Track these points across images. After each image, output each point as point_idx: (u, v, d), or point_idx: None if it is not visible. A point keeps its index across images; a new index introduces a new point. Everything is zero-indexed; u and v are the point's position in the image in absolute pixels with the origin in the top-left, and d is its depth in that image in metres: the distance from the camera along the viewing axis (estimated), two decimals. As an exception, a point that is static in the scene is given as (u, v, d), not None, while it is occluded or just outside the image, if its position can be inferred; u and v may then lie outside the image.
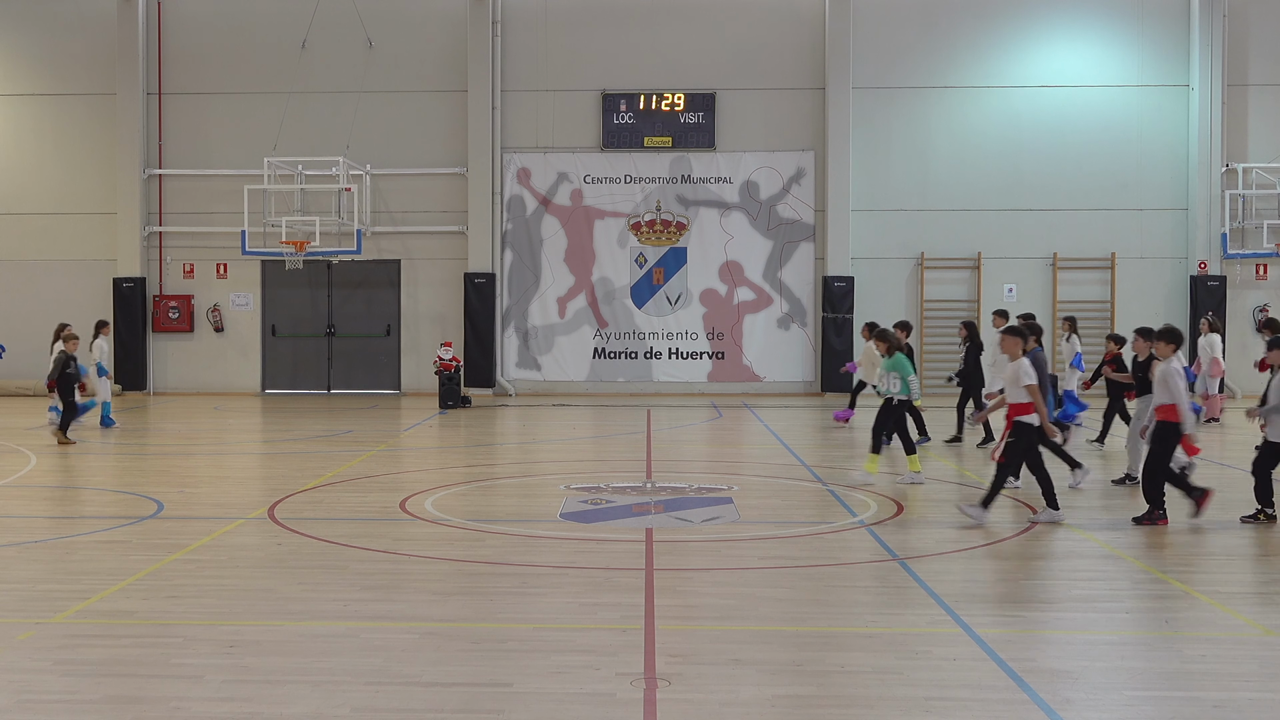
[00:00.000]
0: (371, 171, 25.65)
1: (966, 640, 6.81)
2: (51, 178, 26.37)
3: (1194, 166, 25.29)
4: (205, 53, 26.13)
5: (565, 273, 26.00)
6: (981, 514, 10.32)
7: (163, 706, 5.69)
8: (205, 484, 12.76)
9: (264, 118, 25.74)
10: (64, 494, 11.98)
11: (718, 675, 6.16)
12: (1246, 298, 25.74)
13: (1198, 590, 8.04)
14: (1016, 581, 8.54)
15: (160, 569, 8.62)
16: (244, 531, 10.07)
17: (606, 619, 7.26)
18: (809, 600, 7.82)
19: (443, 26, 25.90)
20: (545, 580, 8.36)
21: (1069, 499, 11.51)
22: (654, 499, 11.10)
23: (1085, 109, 25.60)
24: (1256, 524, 10.53)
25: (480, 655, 6.52)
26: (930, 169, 25.79)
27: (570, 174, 25.92)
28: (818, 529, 10.25)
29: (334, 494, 12.07)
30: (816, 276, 25.79)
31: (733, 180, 25.79)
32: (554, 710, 5.65)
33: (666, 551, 9.29)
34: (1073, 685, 6.04)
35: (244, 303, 26.33)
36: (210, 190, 26.06)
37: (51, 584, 8.28)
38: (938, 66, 25.72)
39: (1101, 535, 9.99)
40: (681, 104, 25.67)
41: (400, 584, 8.23)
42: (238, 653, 6.54)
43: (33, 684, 6.03)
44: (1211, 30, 25.07)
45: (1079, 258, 25.66)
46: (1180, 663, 6.44)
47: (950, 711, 5.66)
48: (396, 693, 5.89)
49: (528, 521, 10.52)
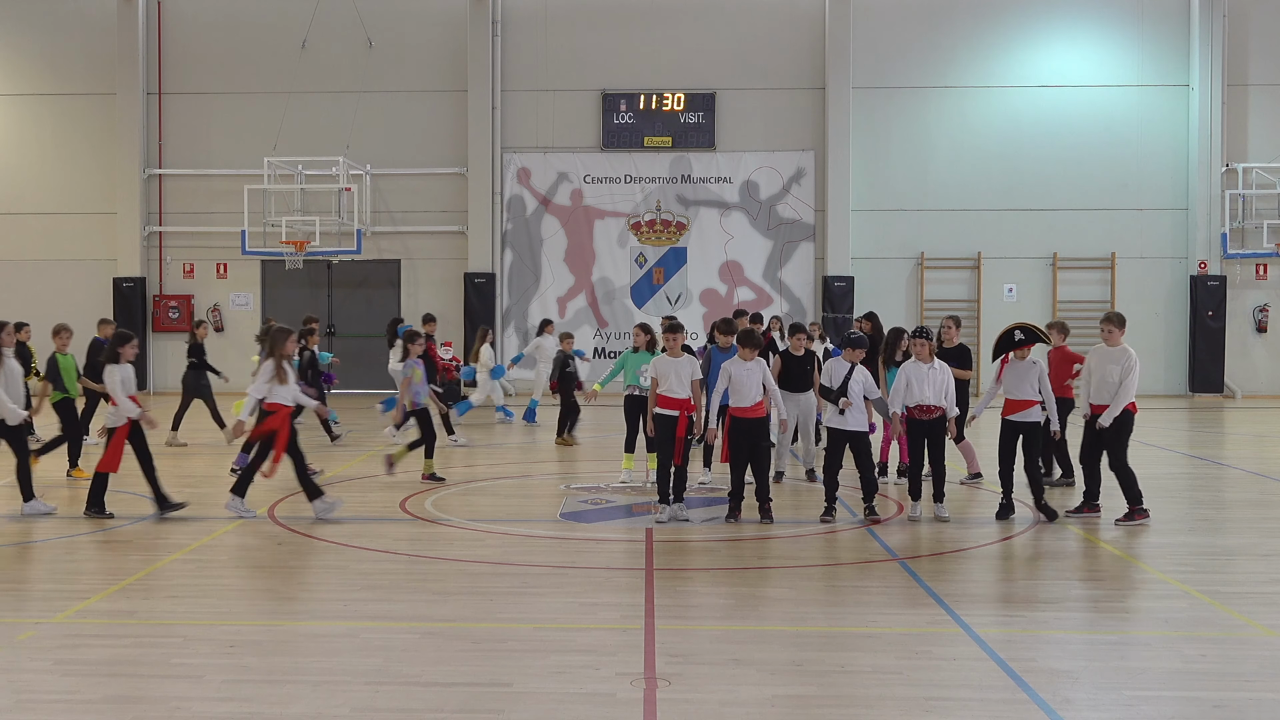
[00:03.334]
0: (371, 171, 25.65)
1: (966, 640, 6.81)
2: (51, 178, 26.37)
3: (1194, 166, 25.29)
4: (205, 53, 26.14)
5: (565, 273, 26.01)
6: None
7: (163, 706, 5.69)
8: (205, 484, 12.75)
9: (264, 118, 25.74)
10: (64, 494, 11.98)
11: (718, 675, 6.16)
12: (1246, 298, 25.73)
13: (1198, 590, 8.04)
14: (1016, 581, 8.54)
15: (160, 569, 8.62)
16: (244, 531, 10.06)
17: (606, 619, 7.26)
18: (809, 600, 7.82)
19: (443, 26, 25.90)
20: (545, 580, 8.36)
21: (1067, 499, 11.51)
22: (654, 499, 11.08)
23: (1085, 109, 25.60)
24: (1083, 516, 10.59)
25: (480, 655, 6.51)
26: (930, 169, 25.79)
27: (570, 174, 25.93)
28: (818, 529, 10.25)
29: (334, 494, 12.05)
30: (816, 276, 25.79)
31: (733, 180, 25.79)
32: (554, 710, 5.65)
33: (666, 551, 9.29)
34: (1073, 685, 6.03)
35: (244, 303, 26.33)
36: (210, 190, 26.07)
37: (51, 584, 8.29)
38: (938, 66, 25.72)
39: (1101, 535, 9.99)
40: (681, 104, 25.67)
41: (400, 584, 8.23)
42: (238, 653, 6.54)
43: (33, 684, 6.03)
44: (1211, 30, 25.07)
45: (1079, 258, 25.66)
46: (1180, 663, 6.43)
47: (950, 711, 5.66)
48: (396, 693, 5.89)
49: (528, 521, 10.52)
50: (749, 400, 10.41)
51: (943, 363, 10.86)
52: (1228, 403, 24.53)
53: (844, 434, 10.65)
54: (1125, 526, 10.23)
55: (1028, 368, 10.61)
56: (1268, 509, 11.57)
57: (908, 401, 10.64)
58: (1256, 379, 25.77)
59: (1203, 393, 25.16)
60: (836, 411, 10.62)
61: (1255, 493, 12.58)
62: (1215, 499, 12.41)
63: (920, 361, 10.65)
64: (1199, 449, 16.64)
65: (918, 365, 10.65)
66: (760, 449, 10.50)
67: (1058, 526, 10.30)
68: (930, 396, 10.53)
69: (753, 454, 10.47)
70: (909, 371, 10.67)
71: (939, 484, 10.71)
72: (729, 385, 10.49)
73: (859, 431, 10.63)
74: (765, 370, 10.57)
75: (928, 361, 10.63)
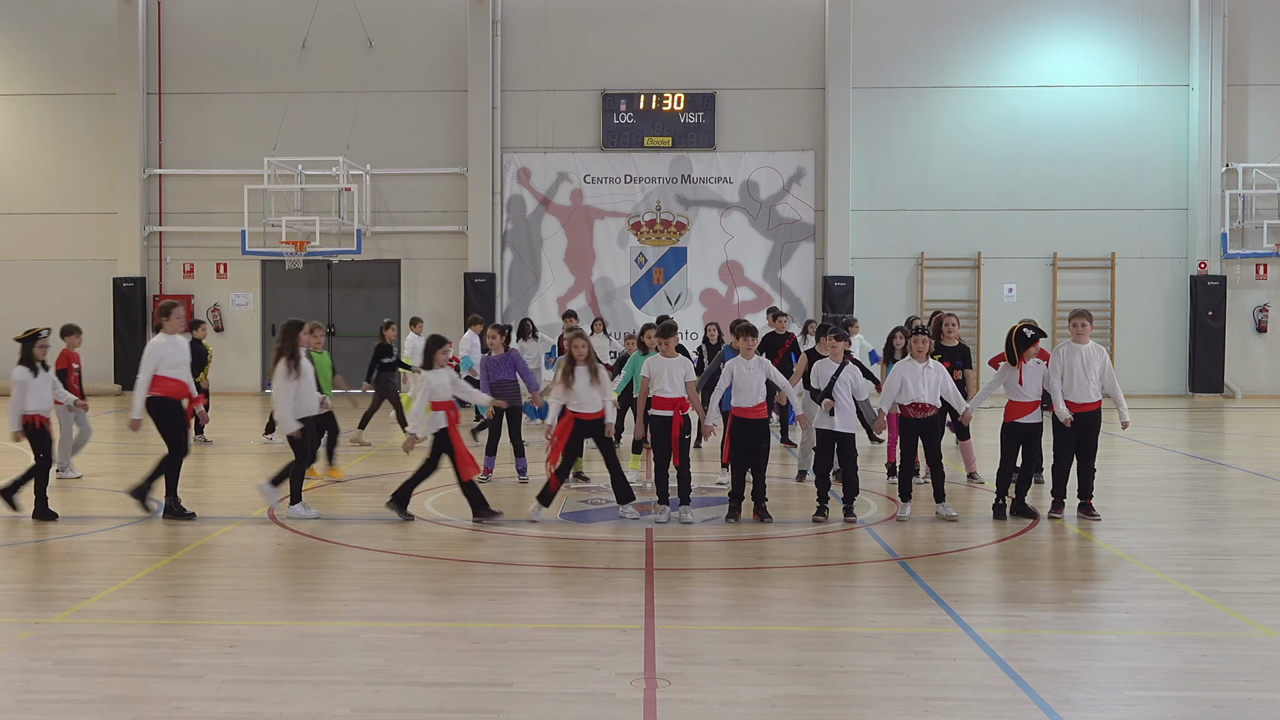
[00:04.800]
0: (371, 171, 25.65)
1: (966, 640, 6.81)
2: (51, 178, 26.37)
3: (1194, 166, 25.29)
4: (205, 53, 26.14)
5: (565, 273, 26.00)
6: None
7: (163, 706, 5.69)
8: (205, 484, 12.75)
9: (264, 118, 25.74)
10: (64, 494, 11.98)
11: (718, 675, 6.16)
12: (1246, 298, 25.73)
13: (1198, 590, 8.04)
14: (1016, 581, 8.54)
15: (160, 569, 8.62)
16: (244, 531, 10.06)
17: (606, 619, 7.26)
18: (809, 600, 7.82)
19: (443, 26, 25.90)
20: (545, 580, 8.36)
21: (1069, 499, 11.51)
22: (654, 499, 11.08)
23: (1085, 109, 25.60)
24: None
25: (480, 655, 6.51)
26: (930, 169, 25.79)
27: (570, 174, 25.93)
28: (818, 529, 10.25)
29: (334, 494, 12.07)
30: (816, 276, 25.79)
31: (733, 180, 25.79)
32: (554, 710, 5.65)
33: (666, 551, 9.29)
34: (1073, 685, 6.03)
35: (244, 303, 26.33)
36: (210, 190, 26.07)
37: (51, 584, 8.29)
38: (938, 66, 25.72)
39: (1101, 535, 9.99)
40: (681, 104, 25.67)
41: (400, 584, 8.23)
42: (238, 653, 6.54)
43: (33, 684, 6.03)
44: (1211, 30, 25.07)
45: (1079, 258, 25.66)
46: (1180, 663, 6.43)
47: (950, 711, 5.66)
48: (396, 693, 5.89)
49: (528, 522, 10.51)
50: (751, 400, 10.41)
51: (938, 362, 10.83)
52: (1228, 403, 24.53)
53: (832, 434, 10.65)
54: (1088, 520, 10.36)
55: (1036, 367, 10.60)
56: (1268, 509, 11.56)
57: (902, 400, 10.55)
58: (1256, 379, 25.77)
59: (1203, 393, 25.16)
60: (825, 412, 10.62)
61: (1255, 493, 12.57)
62: (1215, 499, 12.40)
63: (915, 360, 10.62)
64: (1199, 449, 16.64)
65: (912, 364, 10.61)
66: (761, 449, 10.50)
67: (1057, 526, 10.30)
68: (926, 395, 10.49)
69: (753, 454, 10.47)
70: (904, 370, 10.61)
71: (939, 484, 10.69)
72: (730, 384, 10.50)
73: (846, 433, 10.63)
74: (770, 368, 10.58)
75: (922, 360, 10.60)
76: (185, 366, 10.68)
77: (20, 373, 10.62)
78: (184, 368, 10.65)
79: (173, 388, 10.49)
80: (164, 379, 10.45)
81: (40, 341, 10.83)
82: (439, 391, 10.40)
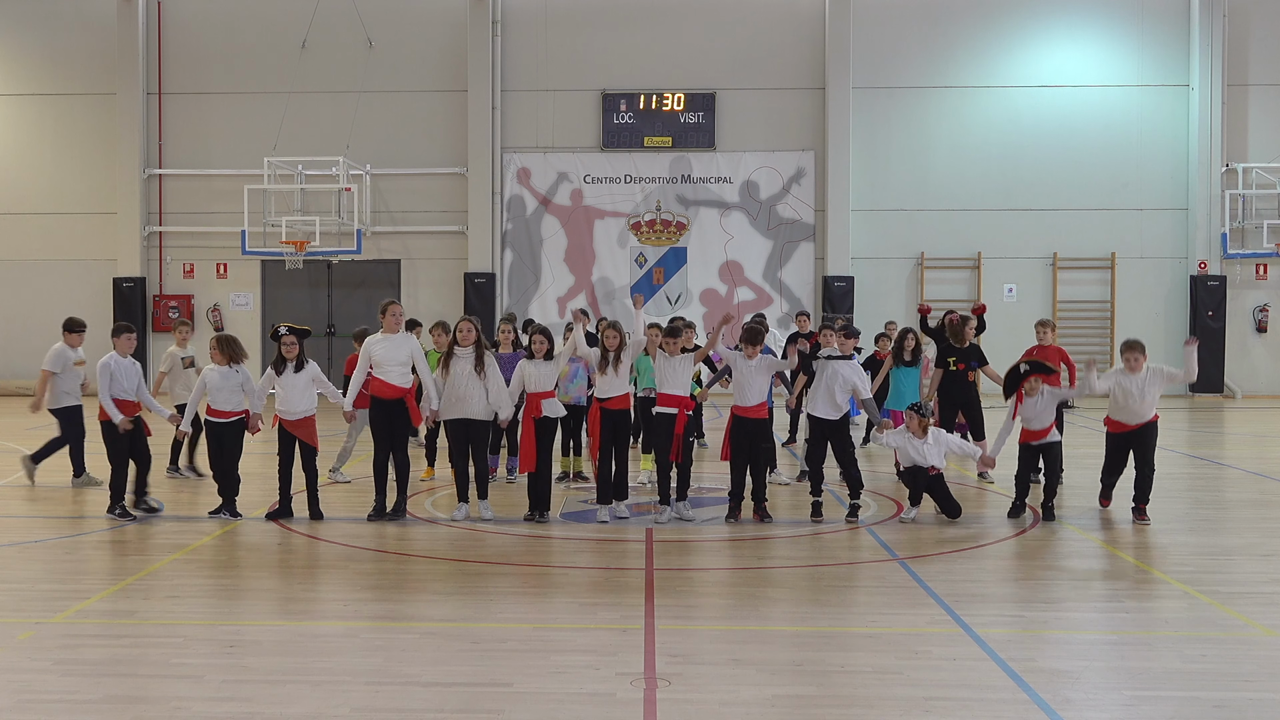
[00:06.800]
0: (371, 171, 25.65)
1: (966, 640, 6.81)
2: (51, 178, 26.37)
3: (1194, 166, 25.29)
4: (205, 53, 26.14)
5: (565, 273, 26.00)
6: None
7: (163, 706, 5.69)
8: (205, 484, 12.74)
9: (264, 118, 25.74)
10: (64, 494, 11.98)
11: (718, 675, 6.16)
12: (1246, 298, 25.73)
13: (1198, 590, 8.04)
14: (1016, 581, 8.54)
15: (160, 569, 8.62)
16: (244, 531, 10.07)
17: (606, 619, 7.26)
18: (809, 600, 7.82)
19: (443, 26, 25.90)
20: (545, 580, 8.37)
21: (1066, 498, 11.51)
22: (654, 499, 11.09)
23: (1085, 109, 25.60)
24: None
25: (480, 655, 6.51)
26: (930, 169, 25.79)
27: (570, 174, 25.93)
28: (818, 529, 10.25)
29: (334, 494, 12.06)
30: (816, 276, 25.79)
31: (733, 180, 25.79)
32: (554, 710, 5.65)
33: (666, 551, 9.29)
34: (1073, 685, 6.04)
35: (244, 303, 26.33)
36: (210, 190, 26.07)
37: (51, 584, 8.28)
38: (938, 66, 25.72)
39: (1101, 535, 10.00)
40: (681, 104, 25.67)
41: (400, 584, 8.23)
42: (238, 653, 6.54)
43: (33, 684, 6.03)
44: (1211, 30, 25.07)
45: (1079, 258, 25.66)
46: (1180, 663, 6.43)
47: (950, 711, 5.66)
48: (396, 693, 5.88)
49: (527, 521, 10.50)
50: (751, 400, 10.42)
51: (939, 432, 10.81)
52: (1228, 403, 24.54)
53: (822, 422, 10.70)
54: (1140, 524, 10.39)
55: (1042, 397, 10.57)
56: (1268, 509, 11.57)
57: (902, 462, 10.70)
58: (1256, 379, 25.77)
59: (1203, 393, 25.15)
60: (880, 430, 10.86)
61: (1255, 493, 12.57)
62: (1215, 499, 12.40)
63: (915, 436, 10.59)
64: (1199, 449, 16.63)
65: (911, 439, 10.60)
66: (761, 449, 10.51)
67: (1057, 526, 10.31)
68: (932, 461, 10.57)
69: (753, 454, 10.48)
70: (906, 443, 10.63)
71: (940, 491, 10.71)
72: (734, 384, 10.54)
73: (835, 420, 10.67)
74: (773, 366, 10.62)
75: (921, 436, 10.57)
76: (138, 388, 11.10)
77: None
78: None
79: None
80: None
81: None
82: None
